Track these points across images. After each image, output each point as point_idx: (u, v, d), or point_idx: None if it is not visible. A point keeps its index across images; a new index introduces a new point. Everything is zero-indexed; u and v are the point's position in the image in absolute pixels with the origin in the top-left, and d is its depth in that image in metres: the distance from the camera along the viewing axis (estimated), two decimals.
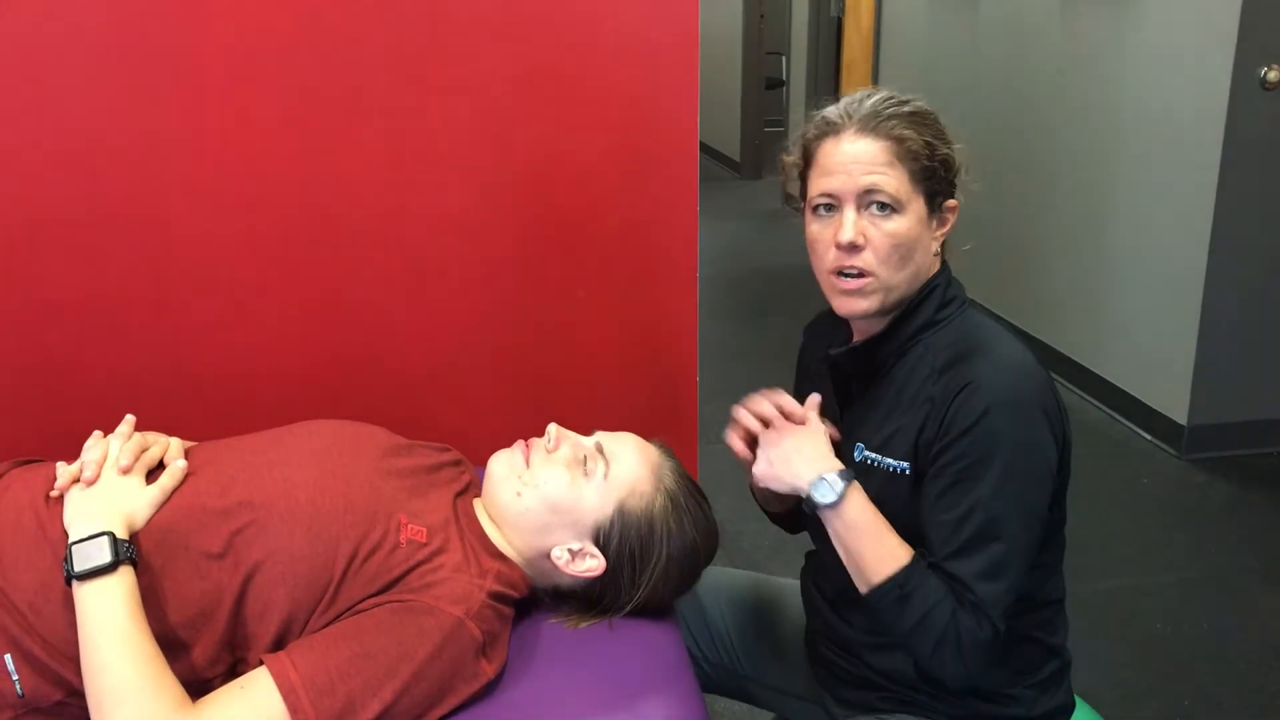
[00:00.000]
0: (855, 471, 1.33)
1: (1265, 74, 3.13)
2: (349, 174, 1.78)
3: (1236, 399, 3.48)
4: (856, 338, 1.39)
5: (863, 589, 1.27)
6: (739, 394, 1.35)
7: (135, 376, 1.79)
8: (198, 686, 1.17)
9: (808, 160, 1.33)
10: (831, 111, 1.31)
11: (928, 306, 1.33)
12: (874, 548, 1.27)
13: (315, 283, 1.82)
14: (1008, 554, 1.23)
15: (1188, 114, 3.35)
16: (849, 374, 1.39)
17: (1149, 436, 3.65)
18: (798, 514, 1.55)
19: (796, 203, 1.44)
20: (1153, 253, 3.59)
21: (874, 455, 1.33)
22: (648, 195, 1.88)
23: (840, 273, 1.29)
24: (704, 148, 8.73)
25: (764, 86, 8.10)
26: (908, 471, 1.29)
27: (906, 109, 1.29)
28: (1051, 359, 4.14)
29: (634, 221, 1.89)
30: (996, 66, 4.48)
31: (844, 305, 1.31)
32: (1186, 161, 3.37)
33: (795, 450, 1.32)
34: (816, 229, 1.31)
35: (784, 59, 7.45)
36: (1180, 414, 3.50)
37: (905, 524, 1.29)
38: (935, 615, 1.22)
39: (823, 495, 1.27)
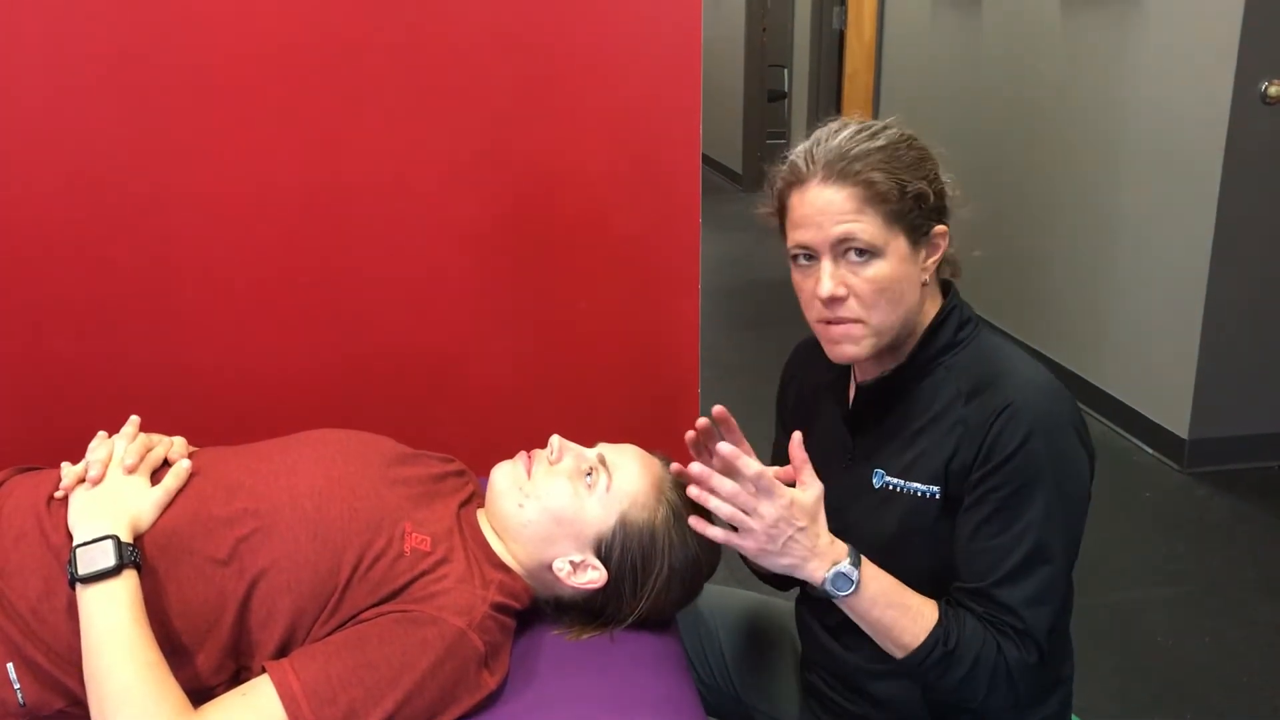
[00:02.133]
0: (877, 499, 1.31)
1: (1266, 88, 3.14)
2: (353, 184, 1.79)
3: (1238, 413, 3.48)
4: (864, 367, 1.36)
5: (900, 655, 1.22)
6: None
7: (139, 383, 1.80)
8: (201, 693, 1.17)
9: (781, 209, 1.30)
10: (798, 157, 1.26)
11: (947, 329, 1.31)
12: (902, 614, 1.21)
13: (318, 291, 1.83)
14: (1055, 577, 1.21)
15: (1189, 128, 3.35)
16: (866, 402, 1.36)
17: (1150, 450, 3.65)
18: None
19: None
20: (1154, 266, 3.59)
21: (897, 480, 1.30)
22: (650, 207, 1.88)
23: (828, 321, 1.26)
24: (706, 159, 8.73)
25: (766, 99, 8.11)
26: (936, 496, 1.26)
27: (877, 144, 1.23)
28: (1053, 372, 4.14)
29: (636, 233, 1.89)
30: (998, 79, 4.49)
31: (836, 355, 1.28)
32: (1188, 175, 3.38)
33: (788, 542, 1.17)
34: (799, 279, 1.28)
35: (786, 71, 7.47)
36: (1181, 428, 3.50)
37: (931, 549, 1.26)
38: (983, 657, 1.19)
39: (841, 588, 1.19)
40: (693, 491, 1.18)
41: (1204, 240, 3.32)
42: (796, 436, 1.22)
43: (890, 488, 1.30)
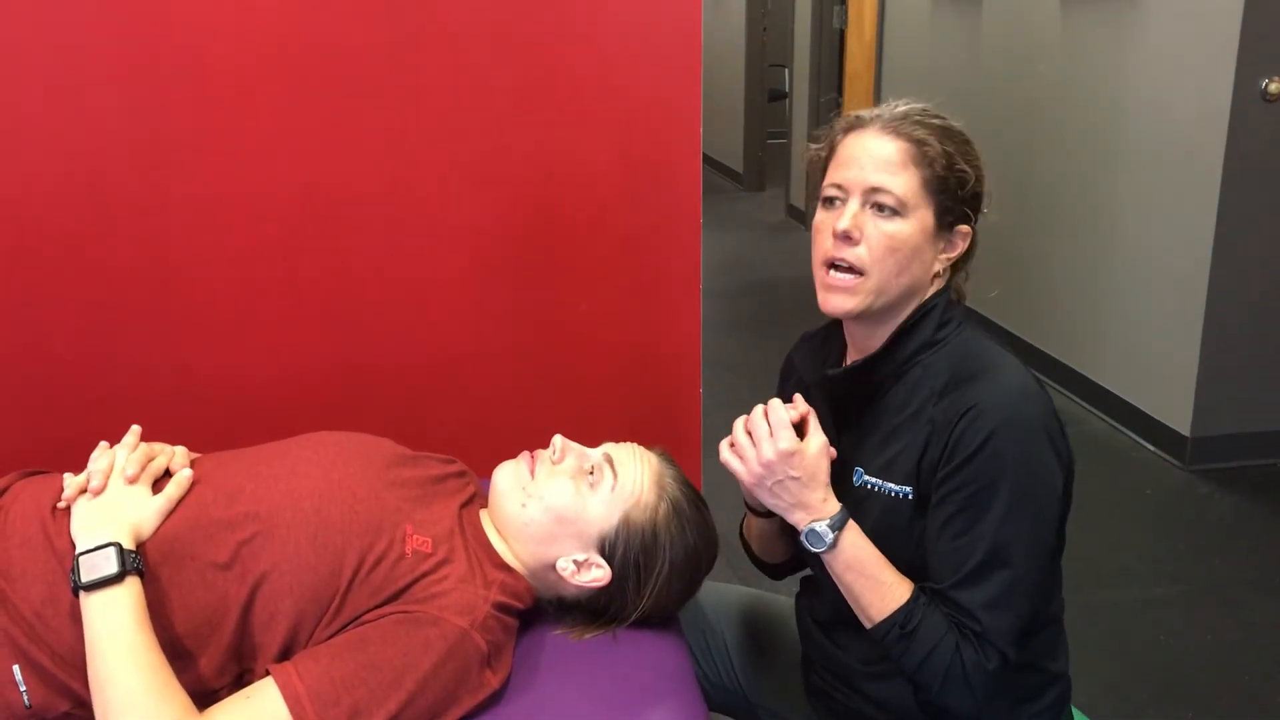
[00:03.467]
0: (855, 497, 1.31)
1: (1266, 86, 3.15)
2: (352, 185, 1.79)
3: (1240, 410, 3.48)
4: (852, 356, 1.37)
5: (867, 625, 1.27)
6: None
7: (140, 387, 1.80)
8: (204, 696, 1.18)
9: (830, 152, 1.33)
10: (865, 110, 1.31)
11: (926, 326, 1.30)
12: (873, 586, 1.26)
13: (320, 293, 1.83)
14: (1016, 581, 1.21)
15: (1190, 125, 3.36)
16: (845, 396, 1.36)
17: (1152, 447, 3.65)
18: (782, 565, 1.56)
19: (800, 214, 1.43)
20: (1155, 263, 3.59)
21: (874, 480, 1.31)
22: (651, 207, 1.88)
23: (833, 266, 1.28)
24: (707, 159, 8.72)
25: (767, 98, 8.11)
26: (909, 496, 1.27)
27: (937, 121, 1.29)
28: (1054, 370, 4.15)
29: (637, 233, 1.89)
30: (999, 78, 4.49)
31: (829, 302, 1.29)
32: (1188, 172, 3.38)
33: (777, 485, 1.27)
34: (820, 218, 1.31)
35: (787, 71, 7.46)
36: (1183, 425, 3.50)
37: (907, 549, 1.27)
38: (939, 651, 1.21)
39: (813, 544, 1.27)
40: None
41: (1205, 237, 3.32)
42: (798, 398, 1.31)
43: (869, 486, 1.31)
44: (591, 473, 1.36)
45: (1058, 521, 1.28)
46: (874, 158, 1.25)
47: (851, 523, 1.27)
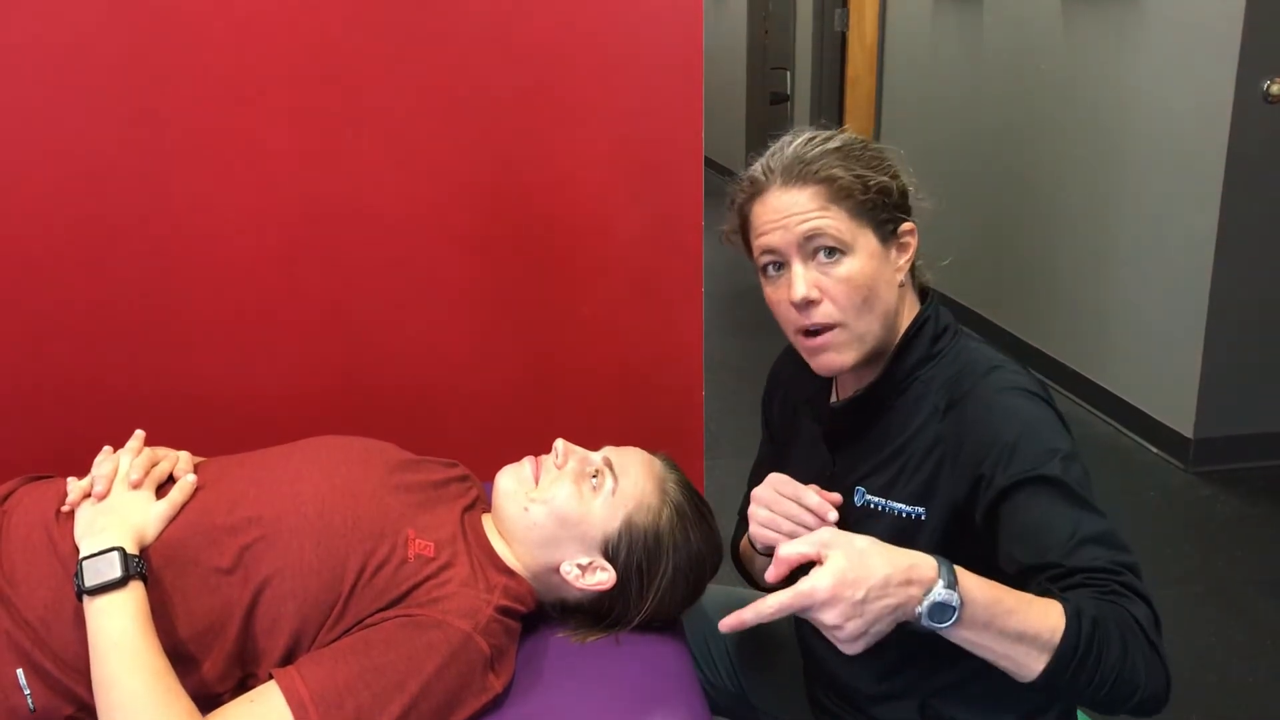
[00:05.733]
0: (856, 516, 1.27)
1: (1268, 86, 3.14)
2: (353, 190, 1.79)
3: (1243, 412, 3.48)
4: (846, 380, 1.33)
5: (1046, 658, 0.99)
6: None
7: (143, 392, 1.80)
8: (208, 701, 1.18)
9: (744, 224, 1.28)
10: (755, 169, 1.25)
11: (921, 341, 1.27)
12: (1026, 609, 1.00)
13: (321, 298, 1.83)
14: (1124, 543, 1.10)
15: (1191, 126, 3.36)
16: (845, 422, 1.32)
17: (1155, 449, 3.65)
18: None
19: None
20: (1157, 265, 3.59)
21: (877, 499, 1.27)
22: (653, 210, 1.89)
23: (807, 332, 1.24)
24: (708, 162, 8.74)
25: (768, 101, 8.11)
26: (923, 518, 1.22)
27: (832, 145, 1.23)
28: (1056, 371, 4.15)
29: (639, 237, 1.89)
30: (1000, 80, 4.49)
31: (822, 366, 1.25)
32: (1190, 173, 3.38)
33: (866, 608, 0.97)
34: (770, 292, 1.26)
35: (788, 74, 7.47)
36: (1186, 427, 3.50)
37: None
38: (1123, 622, 1.02)
39: (944, 618, 0.98)
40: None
41: (1207, 238, 3.32)
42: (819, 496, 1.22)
43: (872, 506, 1.27)
44: (594, 476, 1.36)
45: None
46: (793, 213, 1.20)
47: (959, 570, 1.00)
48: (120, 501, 1.26)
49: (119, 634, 1.13)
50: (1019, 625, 1.00)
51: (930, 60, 5.19)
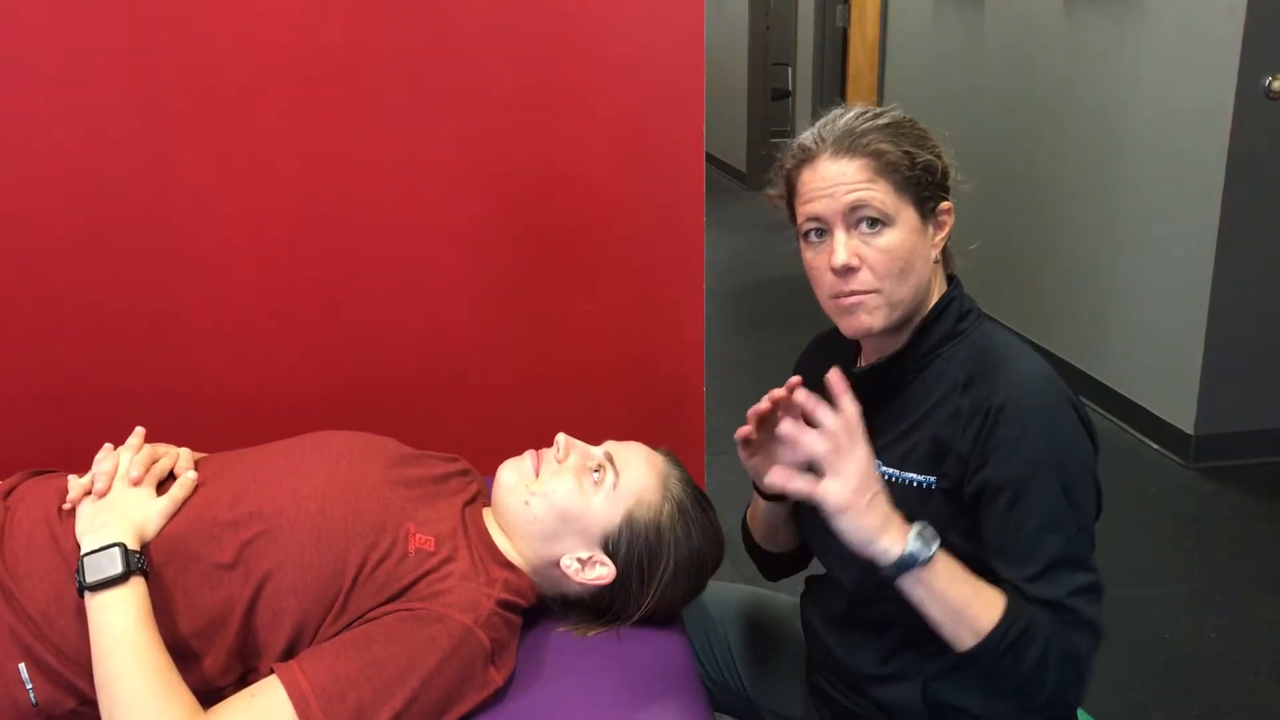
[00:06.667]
0: None
1: (1269, 83, 3.14)
2: (356, 186, 1.79)
3: (1244, 408, 3.48)
4: (870, 355, 1.37)
5: (972, 641, 1.16)
6: (746, 405, 1.34)
7: (145, 389, 1.80)
8: (209, 695, 1.18)
9: (790, 190, 1.31)
10: (806, 138, 1.28)
11: (946, 319, 1.31)
12: (975, 592, 1.17)
13: (322, 294, 1.84)
14: (1086, 560, 1.19)
15: (1192, 123, 3.35)
16: (864, 393, 1.33)
17: (1156, 446, 3.65)
18: (781, 558, 1.54)
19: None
20: (1158, 262, 3.59)
21: (893, 471, 1.30)
22: (654, 206, 1.89)
23: (842, 296, 1.27)
24: (710, 158, 8.75)
25: (770, 97, 8.12)
26: (933, 486, 1.26)
27: (882, 121, 1.27)
28: (1057, 368, 4.12)
29: (641, 233, 1.89)
30: (1001, 76, 4.49)
31: (851, 326, 1.28)
32: (1192, 170, 3.38)
33: (875, 499, 1.15)
34: (811, 257, 1.29)
35: (789, 70, 7.47)
36: (1187, 423, 3.50)
37: None
38: (1054, 640, 1.15)
39: (922, 555, 1.14)
40: (785, 428, 1.16)
41: (1208, 235, 3.32)
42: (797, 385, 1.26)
43: (888, 478, 1.30)
44: (596, 470, 1.36)
45: (1096, 496, 1.26)
46: (840, 182, 1.23)
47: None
48: (121, 498, 1.27)
49: (121, 630, 1.14)
50: (963, 605, 1.16)
51: (931, 56, 5.19)
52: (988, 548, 1.22)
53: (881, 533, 1.15)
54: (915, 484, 1.28)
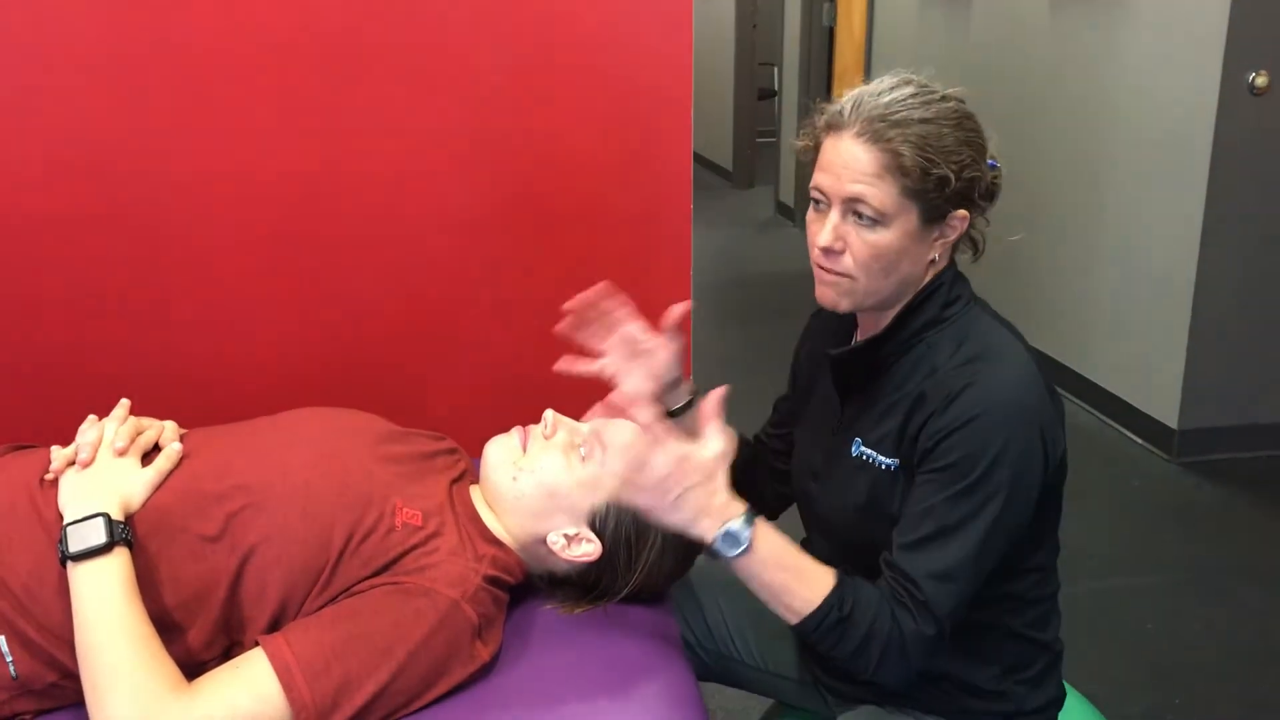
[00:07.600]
0: (852, 467, 1.32)
1: (1254, 79, 3.16)
2: (343, 172, 1.79)
3: (1227, 403, 3.50)
4: (861, 333, 1.38)
5: (794, 620, 1.21)
6: (732, 398, 1.32)
7: (131, 370, 1.79)
8: (194, 668, 1.17)
9: (816, 149, 1.31)
10: (845, 104, 1.25)
11: (932, 305, 1.30)
12: (798, 576, 1.21)
13: (309, 277, 1.83)
14: (964, 559, 1.20)
15: (1177, 119, 3.37)
16: (850, 371, 1.36)
17: (1140, 440, 3.67)
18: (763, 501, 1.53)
19: (789, 211, 1.42)
20: (1143, 257, 3.61)
21: (869, 451, 1.31)
22: (641, 203, 1.89)
23: (822, 268, 1.28)
24: (697, 157, 8.74)
25: (756, 96, 8.12)
26: (895, 468, 1.28)
27: (922, 115, 1.23)
28: (1041, 363, 4.16)
29: (628, 230, 1.90)
30: (987, 74, 4.51)
31: (821, 296, 1.30)
32: (1176, 166, 3.39)
33: (679, 499, 1.18)
34: (810, 218, 1.30)
35: (776, 69, 7.47)
36: (1171, 418, 3.52)
37: (894, 521, 1.26)
38: (878, 624, 1.19)
39: (729, 548, 1.19)
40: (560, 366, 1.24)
41: (1193, 230, 3.34)
42: (715, 393, 1.23)
43: (864, 458, 1.31)
44: (582, 446, 1.36)
45: (1045, 501, 1.27)
46: (850, 168, 1.22)
47: (761, 521, 1.21)
48: (105, 468, 1.25)
49: (103, 600, 1.13)
50: (780, 589, 1.21)
51: (918, 55, 5.20)
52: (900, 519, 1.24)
53: (693, 525, 1.19)
54: (884, 465, 1.29)
